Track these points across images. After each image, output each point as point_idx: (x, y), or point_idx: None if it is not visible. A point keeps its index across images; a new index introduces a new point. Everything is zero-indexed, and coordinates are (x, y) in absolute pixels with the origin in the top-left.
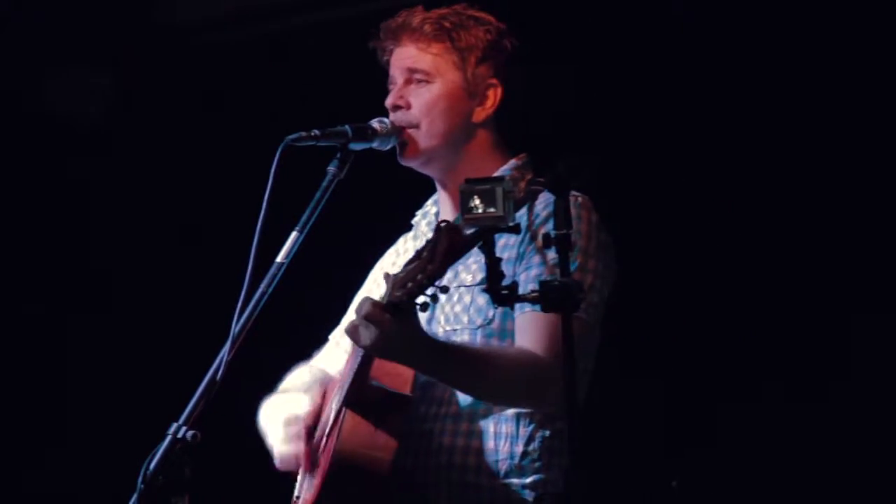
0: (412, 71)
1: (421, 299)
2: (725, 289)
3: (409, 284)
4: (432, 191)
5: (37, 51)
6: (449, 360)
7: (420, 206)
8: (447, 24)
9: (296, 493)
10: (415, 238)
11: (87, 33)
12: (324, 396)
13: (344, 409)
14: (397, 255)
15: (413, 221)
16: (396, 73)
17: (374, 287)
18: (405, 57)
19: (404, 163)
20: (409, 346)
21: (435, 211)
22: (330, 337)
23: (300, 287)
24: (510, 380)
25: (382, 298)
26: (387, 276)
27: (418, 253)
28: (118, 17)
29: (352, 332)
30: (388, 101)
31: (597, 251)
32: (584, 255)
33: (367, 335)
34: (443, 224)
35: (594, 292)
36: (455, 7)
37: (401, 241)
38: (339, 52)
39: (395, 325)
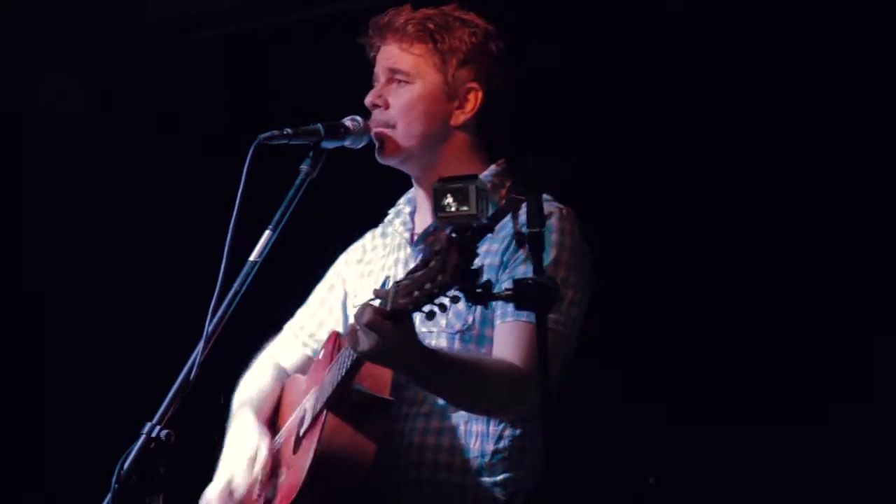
0: (393, 71)
1: (427, 308)
2: (705, 285)
3: (416, 293)
4: (405, 188)
5: (15, 51)
6: (441, 370)
7: (392, 203)
8: (431, 26)
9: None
10: (383, 236)
11: (66, 33)
12: (281, 393)
13: (325, 411)
14: (364, 252)
15: (386, 220)
16: (379, 72)
17: (336, 282)
18: (388, 56)
19: (382, 161)
20: (407, 354)
21: (409, 210)
22: (286, 327)
23: (273, 285)
24: (493, 391)
25: (383, 305)
26: (377, 290)
27: (425, 261)
28: (96, 17)
29: (351, 337)
30: (368, 100)
31: (579, 265)
32: (567, 269)
33: (367, 342)
34: (454, 235)
35: (574, 306)
36: (444, 8)
37: (368, 237)
38: (314, 51)
39: (396, 333)
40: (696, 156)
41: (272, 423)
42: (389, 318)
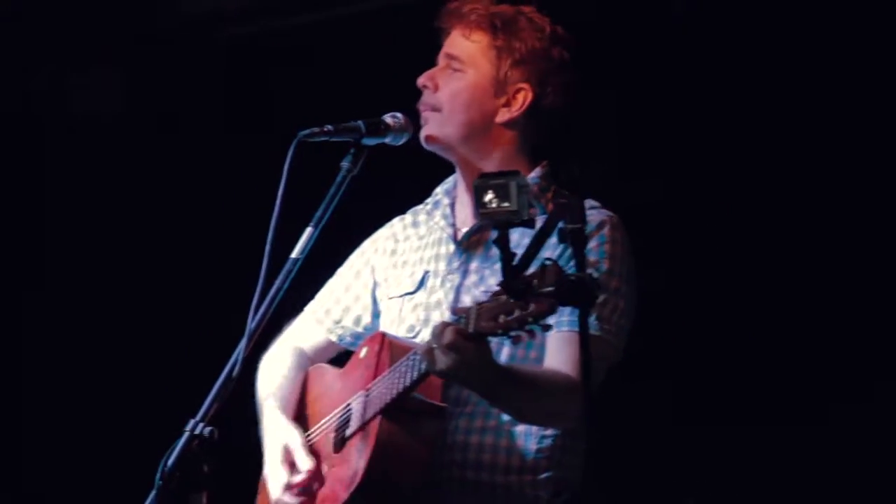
0: (450, 56)
1: (514, 333)
2: (754, 292)
3: (503, 318)
4: (426, 182)
5: (49, 50)
6: (511, 387)
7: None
8: (496, 21)
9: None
10: (415, 225)
11: (100, 28)
12: (306, 382)
13: (379, 417)
14: (396, 242)
15: (419, 208)
16: (440, 57)
17: (364, 269)
18: (450, 42)
19: (425, 146)
20: (482, 374)
21: (447, 202)
22: (307, 310)
23: (315, 283)
24: (555, 403)
25: (464, 325)
26: (457, 308)
27: (511, 284)
28: (130, 12)
29: (427, 355)
30: (419, 80)
31: (628, 276)
32: (620, 280)
33: (445, 361)
34: (548, 262)
35: (624, 317)
36: (522, 7)
37: (398, 225)
38: (352, 48)
39: (477, 355)
40: (729, 159)
41: (300, 414)
42: (472, 340)
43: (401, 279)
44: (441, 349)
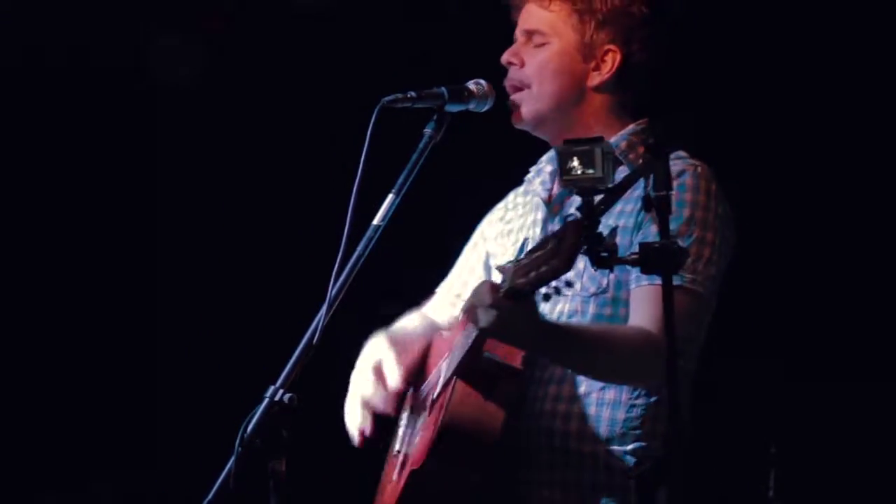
0: (530, 32)
1: (544, 290)
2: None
3: (532, 274)
4: (543, 150)
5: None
6: (566, 345)
7: (520, 167)
8: None
9: (396, 447)
10: (524, 194)
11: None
12: (428, 348)
13: (454, 378)
14: (506, 210)
15: (526, 178)
16: (518, 33)
17: (479, 241)
18: (526, 16)
19: (517, 125)
20: (526, 331)
21: (550, 169)
22: (438, 290)
23: (396, 250)
24: (625, 361)
25: (503, 283)
26: (500, 266)
27: (544, 241)
28: None
29: (469, 312)
30: (504, 58)
31: (715, 222)
32: (703, 227)
33: (486, 318)
34: (570, 218)
35: (711, 265)
36: None
37: (511, 196)
38: (434, 15)
39: (514, 311)
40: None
41: (419, 371)
42: (508, 297)
43: (506, 247)
44: (481, 307)
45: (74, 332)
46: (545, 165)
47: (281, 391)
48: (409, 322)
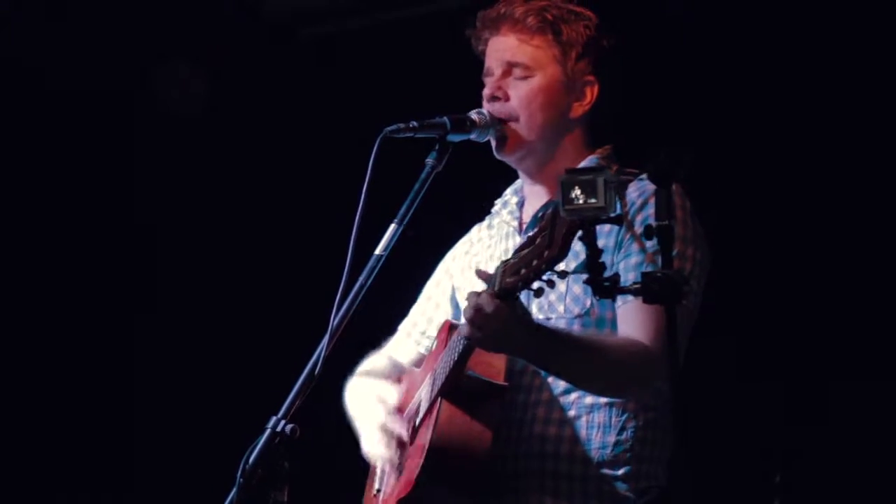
0: (512, 64)
1: (536, 285)
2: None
3: (523, 270)
4: (509, 181)
5: (134, 47)
6: (561, 350)
7: (496, 195)
8: (549, 17)
9: (376, 486)
10: (489, 227)
11: (184, 25)
12: (398, 384)
13: (440, 399)
14: (471, 244)
15: (493, 210)
16: (494, 64)
17: (443, 277)
18: (504, 48)
19: (501, 157)
20: (519, 334)
21: (516, 200)
22: (399, 328)
23: (398, 279)
24: (620, 369)
25: (491, 285)
26: (480, 272)
27: (530, 239)
28: (214, 9)
29: (462, 326)
30: (486, 92)
31: (694, 238)
32: (683, 243)
33: (478, 326)
34: (550, 204)
35: (693, 279)
36: (554, 0)
37: (474, 230)
38: (431, 45)
39: (508, 313)
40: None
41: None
42: (500, 298)
43: (473, 280)
44: (473, 316)
45: (68, 374)
46: (510, 197)
47: (283, 422)
48: (376, 363)
